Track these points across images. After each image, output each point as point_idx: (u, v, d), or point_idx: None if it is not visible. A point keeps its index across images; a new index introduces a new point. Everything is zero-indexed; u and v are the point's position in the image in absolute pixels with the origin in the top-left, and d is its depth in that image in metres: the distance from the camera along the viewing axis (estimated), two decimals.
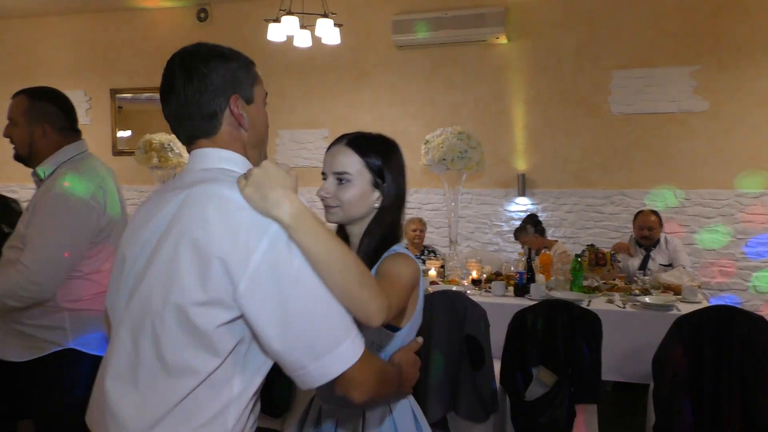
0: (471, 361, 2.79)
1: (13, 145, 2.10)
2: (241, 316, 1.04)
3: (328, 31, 4.11)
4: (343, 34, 4.43)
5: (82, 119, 6.45)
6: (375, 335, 1.37)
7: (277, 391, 3.45)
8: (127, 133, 6.42)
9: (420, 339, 1.42)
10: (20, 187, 6.52)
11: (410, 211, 5.51)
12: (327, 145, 5.54)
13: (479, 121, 5.36)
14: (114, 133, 6.36)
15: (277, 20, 4.08)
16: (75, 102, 6.85)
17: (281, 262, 1.02)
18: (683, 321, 2.60)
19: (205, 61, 1.17)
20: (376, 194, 1.43)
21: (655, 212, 4.37)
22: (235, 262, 1.01)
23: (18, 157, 2.10)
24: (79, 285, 1.98)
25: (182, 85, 1.16)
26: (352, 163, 1.42)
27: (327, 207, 1.46)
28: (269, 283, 1.01)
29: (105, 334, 1.67)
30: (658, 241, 4.30)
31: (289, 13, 4.02)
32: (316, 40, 4.35)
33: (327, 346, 1.04)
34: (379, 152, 1.43)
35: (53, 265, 1.89)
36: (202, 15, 5.92)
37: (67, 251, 1.91)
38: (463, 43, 5.32)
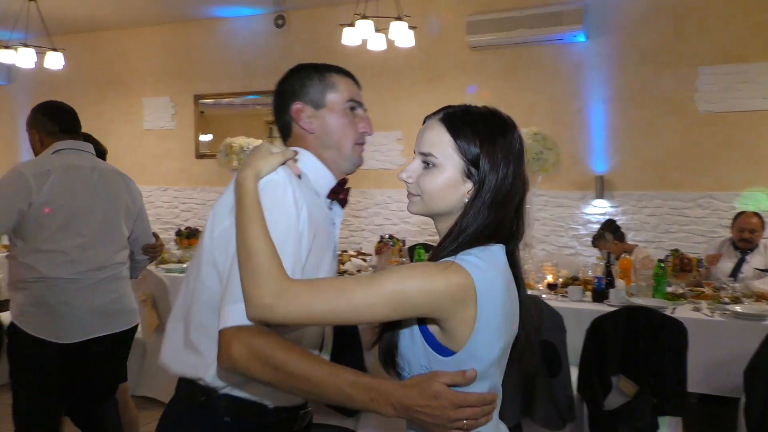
0: (547, 367, 2.72)
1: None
2: None
3: (402, 34, 4.14)
4: (416, 36, 4.44)
5: (168, 124, 6.78)
6: (423, 356, 1.13)
7: None
8: (209, 137, 6.68)
9: (469, 372, 1.08)
10: None
11: None
12: (400, 147, 5.62)
13: (555, 122, 5.23)
14: (197, 137, 6.64)
15: (351, 24, 4.14)
16: (161, 108, 7.24)
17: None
18: None
19: (284, 76, 1.41)
20: (468, 186, 1.15)
21: (757, 214, 4.13)
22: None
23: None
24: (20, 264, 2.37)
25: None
26: (441, 143, 1.15)
27: (408, 194, 1.22)
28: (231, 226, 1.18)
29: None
30: (756, 245, 4.07)
31: (364, 17, 4.07)
32: (389, 43, 4.39)
33: (232, 297, 1.13)
34: (478, 133, 1.13)
35: None
36: (280, 21, 6.09)
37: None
38: (539, 43, 5.22)
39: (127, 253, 2.61)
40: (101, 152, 2.97)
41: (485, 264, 1.10)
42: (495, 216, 1.14)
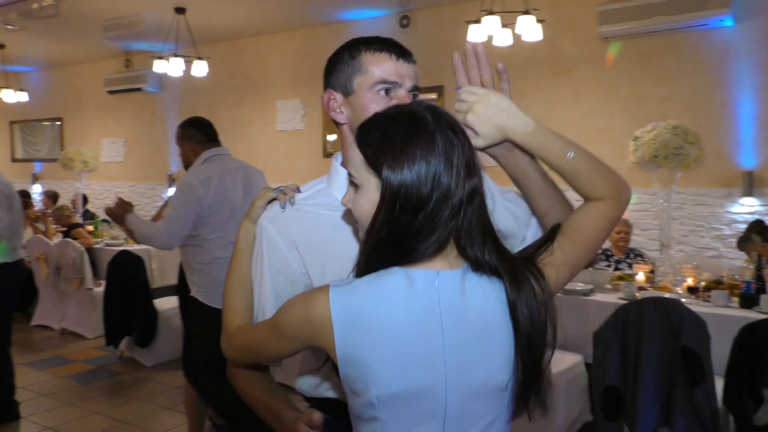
0: (688, 375, 2.56)
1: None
2: None
3: (529, 28, 4.05)
4: (543, 30, 4.33)
5: (298, 125, 7.12)
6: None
7: None
8: (333, 136, 6.93)
9: (315, 416, 1.11)
10: None
11: None
12: None
13: (696, 114, 4.88)
14: (324, 137, 6.91)
15: (477, 21, 4.12)
16: (292, 109, 7.61)
17: None
18: None
19: None
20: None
21: None
22: None
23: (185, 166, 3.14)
24: (197, 250, 2.92)
25: None
26: (356, 159, 1.01)
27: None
28: None
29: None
30: None
31: (491, 13, 4.03)
32: (516, 37, 4.31)
33: None
34: (381, 138, 0.97)
35: (172, 225, 2.86)
36: (405, 21, 6.18)
37: (181, 216, 2.85)
38: (679, 30, 4.88)
39: None
40: None
41: (364, 292, 0.96)
42: (394, 232, 0.95)
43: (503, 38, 4.20)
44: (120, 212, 2.92)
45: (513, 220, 1.28)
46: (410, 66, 1.20)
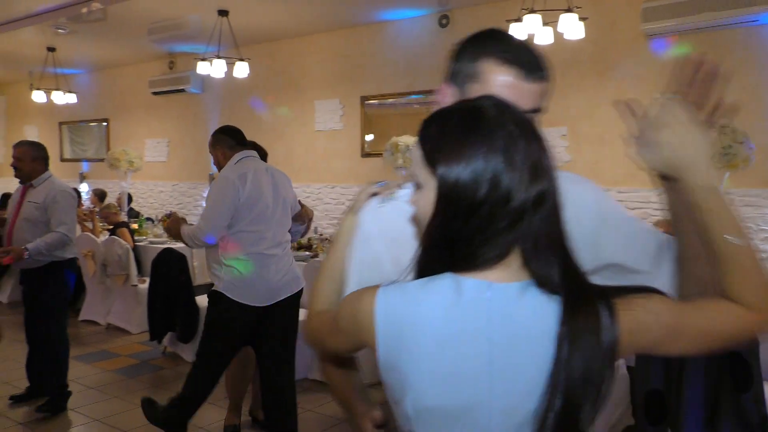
0: (735, 380, 2.49)
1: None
2: None
3: (571, 26, 4.01)
4: (585, 27, 4.27)
5: (336, 125, 7.17)
6: None
7: None
8: (371, 137, 6.96)
9: (374, 414, 1.13)
10: None
11: (658, 213, 5.10)
12: (565, 143, 5.46)
13: (744, 113, 4.73)
14: (362, 137, 6.95)
15: (518, 20, 4.09)
16: (331, 109, 7.66)
17: None
18: None
19: None
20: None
21: None
22: None
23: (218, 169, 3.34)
24: (226, 245, 3.07)
25: None
26: (416, 158, 0.97)
27: None
28: None
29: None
30: None
31: (532, 11, 4.00)
32: (557, 36, 4.26)
33: None
34: (439, 134, 0.93)
35: (213, 218, 3.05)
36: (444, 21, 6.17)
37: (220, 208, 3.03)
38: (728, 26, 4.74)
39: (289, 234, 3.35)
40: (263, 155, 3.71)
41: (410, 296, 0.90)
42: (447, 236, 0.89)
43: (544, 37, 4.16)
44: (175, 226, 3.21)
45: (638, 252, 1.16)
46: (536, 85, 1.09)
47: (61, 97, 8.25)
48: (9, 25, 7.08)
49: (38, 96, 8.29)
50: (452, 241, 0.88)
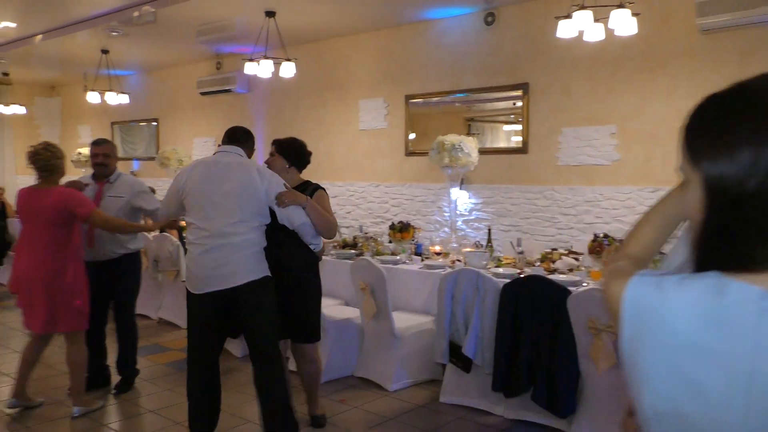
0: None
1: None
2: None
3: (623, 22, 3.92)
4: (638, 23, 4.18)
5: (380, 124, 7.20)
6: None
7: (562, 391, 3.44)
8: (412, 135, 6.96)
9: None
10: None
11: None
12: (614, 142, 5.35)
13: None
14: (407, 136, 6.95)
15: (568, 16, 4.03)
16: (375, 108, 7.63)
17: None
18: None
19: None
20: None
21: None
22: None
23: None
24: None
25: None
26: (681, 152, 0.97)
27: None
28: None
29: None
30: None
31: (582, 7, 3.93)
32: (608, 32, 4.18)
33: None
34: (695, 119, 0.91)
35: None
36: (489, 19, 6.12)
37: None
38: None
39: (244, 227, 3.20)
40: (301, 155, 3.84)
41: (664, 290, 0.83)
42: (713, 234, 0.84)
43: (595, 33, 4.09)
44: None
45: None
46: None
47: (114, 98, 8.51)
48: (66, 29, 7.34)
49: (93, 97, 8.57)
50: (717, 239, 0.81)
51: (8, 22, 7.20)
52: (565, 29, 4.08)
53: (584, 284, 3.93)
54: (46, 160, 3.71)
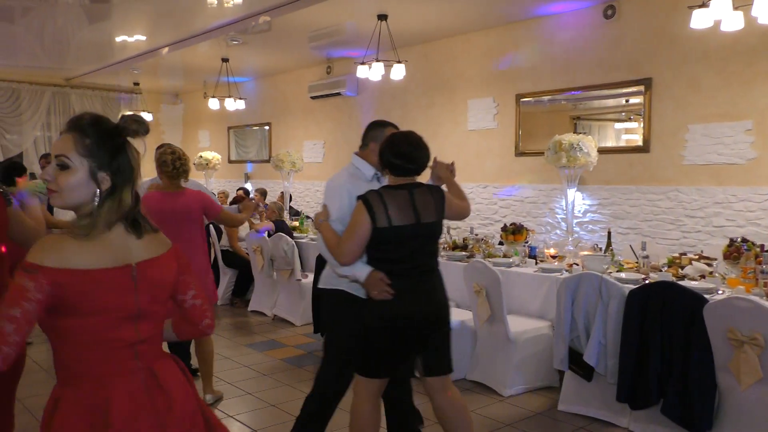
0: None
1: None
2: None
3: (767, 9, 3.60)
4: None
5: (489, 124, 7.09)
6: None
7: (697, 405, 3.21)
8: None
9: None
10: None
11: None
12: (750, 138, 4.98)
13: None
14: (517, 135, 6.79)
15: (703, 5, 3.76)
16: (484, 108, 7.56)
17: None
18: None
19: None
20: None
21: None
22: None
23: None
24: None
25: None
26: None
27: None
28: None
29: None
30: None
31: None
32: (748, 21, 3.87)
33: None
34: None
35: None
36: (609, 12, 5.85)
37: None
38: None
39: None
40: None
41: None
42: None
43: (733, 22, 3.78)
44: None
45: None
46: None
47: (232, 104, 8.96)
48: (189, 40, 7.82)
49: (213, 103, 9.07)
50: None
51: (139, 36, 7.78)
52: (700, 19, 3.81)
53: (719, 292, 3.65)
54: (184, 164, 3.93)
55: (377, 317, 2.67)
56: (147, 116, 11.29)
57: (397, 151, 2.68)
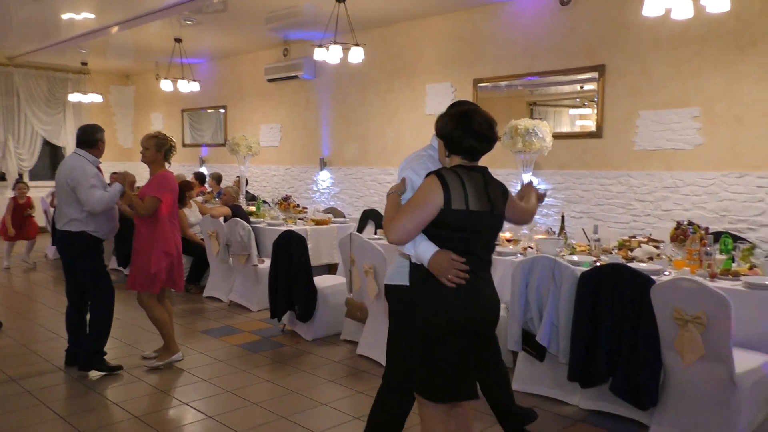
0: None
1: None
2: None
3: None
4: None
5: None
6: None
7: (643, 383, 3.31)
8: None
9: None
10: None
11: None
12: (697, 125, 5.11)
13: None
14: None
15: None
16: (442, 93, 7.59)
17: None
18: None
19: None
20: None
21: None
22: None
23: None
24: None
25: None
26: None
27: None
28: None
29: None
30: None
31: None
32: (697, 9, 3.96)
33: None
34: None
35: None
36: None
37: None
38: None
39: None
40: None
41: None
42: None
43: (683, 11, 3.87)
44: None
45: None
46: None
47: (185, 86, 8.74)
48: (140, 18, 7.57)
49: (166, 85, 8.83)
50: None
51: (87, 13, 7.49)
52: (652, 7, 3.88)
53: (666, 273, 3.77)
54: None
55: (435, 320, 2.22)
56: (96, 98, 10.92)
57: (472, 129, 2.27)
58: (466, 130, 2.28)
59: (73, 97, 11.02)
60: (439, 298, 2.22)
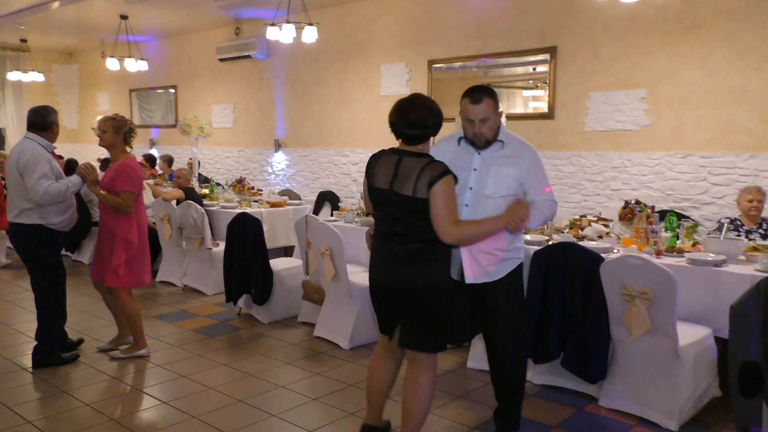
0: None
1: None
2: None
3: None
4: None
5: (402, 89, 7.10)
6: None
7: (593, 357, 3.43)
8: None
9: None
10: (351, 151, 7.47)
11: (744, 179, 4.86)
12: (644, 106, 5.25)
13: None
14: None
15: None
16: (397, 74, 7.55)
17: None
18: None
19: None
20: None
21: None
22: None
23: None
24: None
25: None
26: None
27: None
28: None
29: None
30: None
31: None
32: None
33: None
34: None
35: None
36: None
37: None
38: None
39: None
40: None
41: None
42: None
43: None
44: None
45: None
46: None
47: (132, 65, 8.46)
48: None
49: (112, 63, 8.53)
50: None
51: None
52: None
53: (615, 251, 3.89)
54: None
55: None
56: (38, 76, 10.47)
57: (404, 117, 2.58)
58: (398, 118, 2.62)
59: (13, 76, 10.54)
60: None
